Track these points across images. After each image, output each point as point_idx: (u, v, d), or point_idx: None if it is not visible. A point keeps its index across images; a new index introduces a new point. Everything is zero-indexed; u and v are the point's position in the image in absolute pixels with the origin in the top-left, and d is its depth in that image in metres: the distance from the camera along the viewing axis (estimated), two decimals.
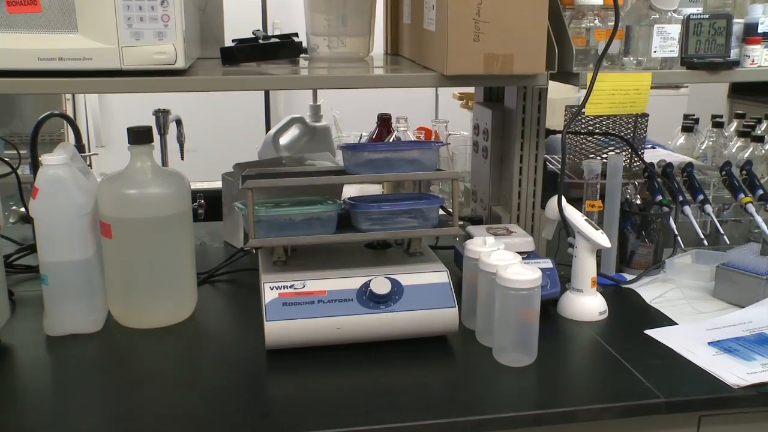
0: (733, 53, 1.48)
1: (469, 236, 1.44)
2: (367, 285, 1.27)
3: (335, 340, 1.26)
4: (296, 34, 1.56)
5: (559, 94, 2.25)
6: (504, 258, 1.24)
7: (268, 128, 3.65)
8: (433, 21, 1.35)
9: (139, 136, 1.31)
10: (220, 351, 1.30)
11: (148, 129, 1.33)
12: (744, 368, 1.21)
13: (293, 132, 2.00)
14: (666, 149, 2.26)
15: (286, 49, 1.52)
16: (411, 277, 1.29)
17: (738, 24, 1.47)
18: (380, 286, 1.25)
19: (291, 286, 1.26)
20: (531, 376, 1.22)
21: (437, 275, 1.30)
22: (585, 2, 1.40)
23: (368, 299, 1.26)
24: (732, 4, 1.57)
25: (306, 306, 1.24)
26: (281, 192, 1.35)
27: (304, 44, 1.56)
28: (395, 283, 1.27)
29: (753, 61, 1.45)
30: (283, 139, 1.95)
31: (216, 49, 1.44)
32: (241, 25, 1.65)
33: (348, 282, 1.27)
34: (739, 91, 4.42)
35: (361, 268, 1.30)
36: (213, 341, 1.34)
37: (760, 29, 1.44)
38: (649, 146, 2.18)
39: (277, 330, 1.23)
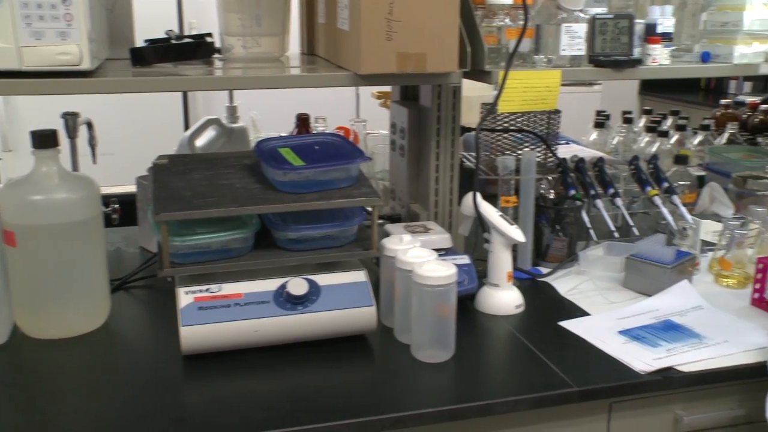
0: (637, 52, 1.53)
1: (387, 235, 1.44)
2: (284, 286, 1.26)
3: (253, 343, 1.25)
4: (210, 35, 1.54)
5: (476, 92, 2.28)
6: (420, 255, 1.25)
7: (186, 130, 3.57)
8: (346, 20, 1.35)
9: (43, 139, 1.27)
10: (135, 358, 1.27)
11: (53, 132, 1.28)
12: (650, 354, 1.26)
13: (209, 134, 1.96)
14: (579, 145, 2.32)
15: (199, 49, 1.49)
16: (328, 277, 1.29)
17: (640, 24, 1.52)
18: (297, 287, 1.24)
19: (207, 290, 1.24)
20: (449, 371, 1.23)
21: (354, 275, 1.30)
22: (495, 1, 1.43)
23: (285, 301, 1.25)
24: (634, 5, 1.62)
25: (222, 309, 1.22)
26: None
27: (219, 44, 1.54)
28: (312, 284, 1.26)
29: (654, 60, 1.51)
30: (199, 141, 1.91)
31: (126, 49, 1.40)
32: (156, 25, 1.62)
33: (265, 284, 1.26)
34: (649, 88, 4.59)
35: (278, 270, 1.29)
36: (127, 349, 1.31)
37: (659, 29, 1.49)
38: (563, 142, 2.24)
39: (193, 335, 1.21)
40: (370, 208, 1.35)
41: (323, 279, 1.28)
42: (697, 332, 1.35)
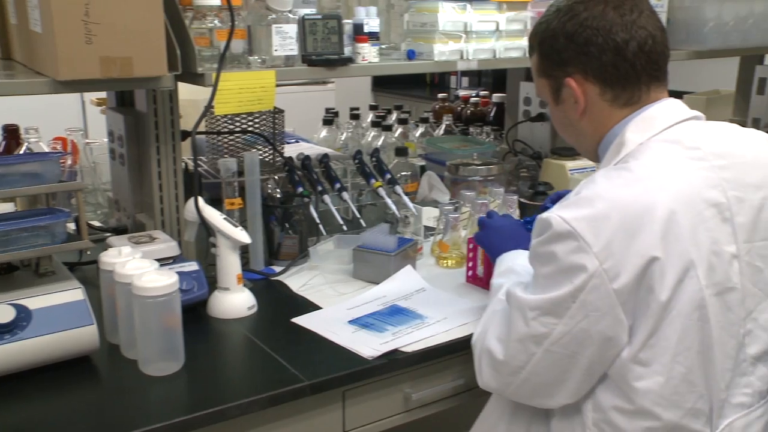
0: (348, 51, 1.59)
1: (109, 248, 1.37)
2: None
3: None
4: None
5: (203, 95, 2.24)
6: (139, 267, 1.21)
7: None
8: (38, 21, 1.26)
9: None
10: None
11: None
12: (377, 340, 1.32)
13: None
14: (310, 143, 2.37)
15: None
16: (40, 300, 1.19)
17: (348, 24, 1.59)
18: (1, 314, 1.14)
19: None
20: (180, 381, 1.20)
21: (71, 293, 1.22)
22: (203, 3, 1.41)
23: None
24: (343, 6, 1.69)
25: None
26: None
27: None
28: (20, 309, 1.16)
29: (364, 58, 1.58)
30: None
31: None
32: None
33: None
34: (381, 84, 4.83)
35: None
36: None
37: (366, 29, 1.56)
38: (292, 141, 2.28)
39: None
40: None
41: (34, 302, 1.19)
42: (420, 313, 1.44)
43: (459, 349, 1.35)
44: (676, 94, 1.21)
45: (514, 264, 1.32)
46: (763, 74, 2.71)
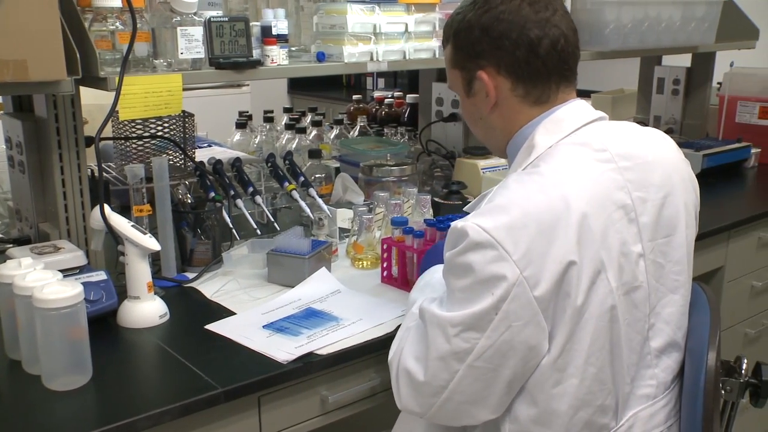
0: (257, 53, 1.58)
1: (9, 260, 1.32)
2: None
3: None
4: None
5: (110, 100, 2.18)
6: (41, 278, 1.16)
7: None
8: None
9: None
10: None
11: None
12: (292, 343, 1.31)
13: None
14: (223, 147, 2.34)
15: None
16: None
17: (257, 26, 1.57)
18: None
19: None
20: (88, 395, 1.16)
21: None
22: (103, 4, 1.37)
23: None
24: (252, 8, 1.67)
25: None
26: None
27: None
28: None
29: (273, 60, 1.57)
30: None
31: None
32: None
33: None
34: (297, 86, 4.81)
35: None
36: None
37: (274, 31, 1.55)
38: (205, 145, 2.25)
39: None
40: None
41: None
42: (335, 315, 1.43)
43: (375, 350, 1.35)
44: (585, 94, 1.25)
45: (431, 278, 1.31)
46: (662, 74, 2.83)
